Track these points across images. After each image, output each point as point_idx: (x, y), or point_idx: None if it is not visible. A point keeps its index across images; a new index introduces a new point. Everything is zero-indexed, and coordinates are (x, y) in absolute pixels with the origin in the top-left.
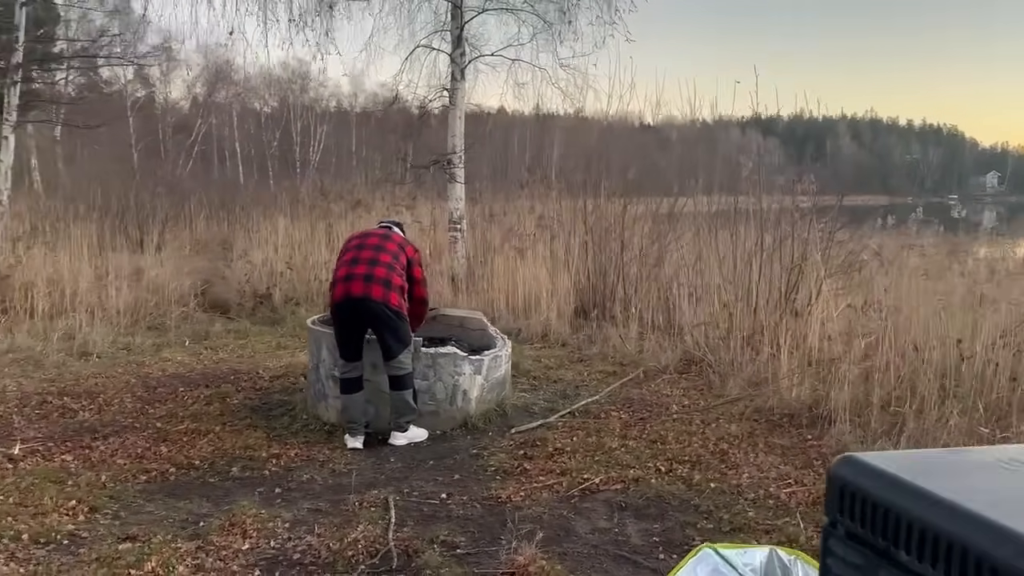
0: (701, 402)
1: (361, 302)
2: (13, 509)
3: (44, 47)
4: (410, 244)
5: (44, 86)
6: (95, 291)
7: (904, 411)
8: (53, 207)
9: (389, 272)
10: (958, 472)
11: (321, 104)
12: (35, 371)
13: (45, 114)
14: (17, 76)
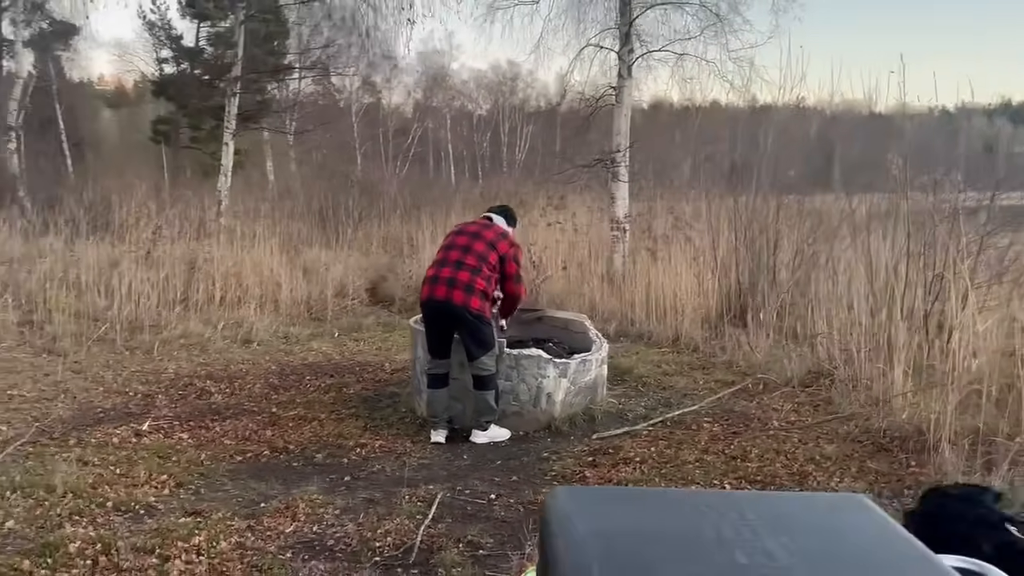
0: (809, 418)
1: (443, 305)
2: (114, 479)
3: (275, 59)
4: (506, 238)
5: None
6: (272, 284)
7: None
8: (264, 206)
9: (473, 276)
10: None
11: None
12: (198, 355)
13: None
14: (237, 88)
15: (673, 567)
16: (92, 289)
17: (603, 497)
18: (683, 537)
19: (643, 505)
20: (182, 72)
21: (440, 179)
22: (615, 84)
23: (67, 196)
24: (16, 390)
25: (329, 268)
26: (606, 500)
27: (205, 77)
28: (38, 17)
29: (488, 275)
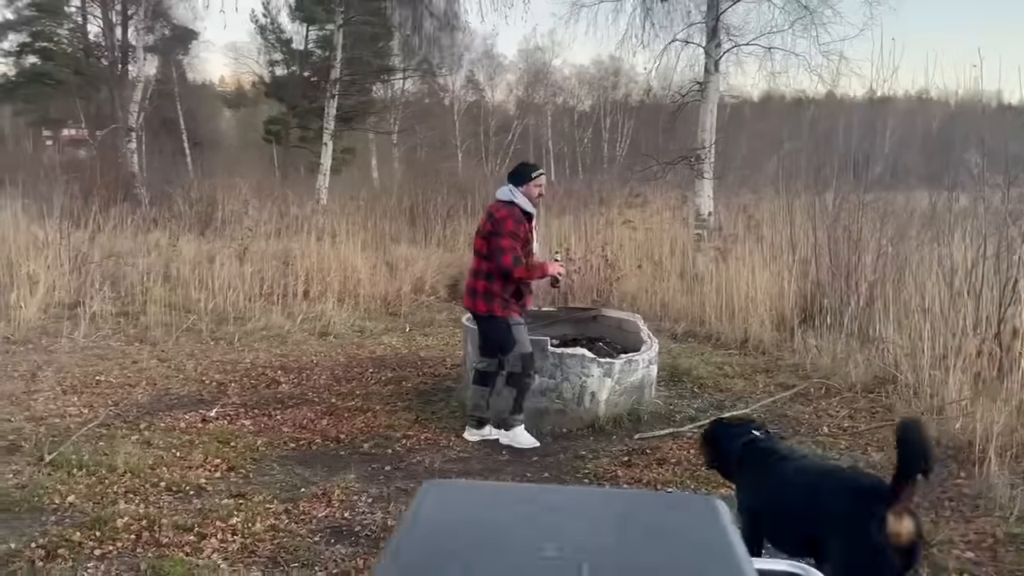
0: (862, 425)
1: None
2: (172, 461)
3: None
4: (503, 207)
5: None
6: (353, 280)
7: None
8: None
9: (473, 278)
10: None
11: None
12: (276, 347)
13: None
14: (335, 90)
15: (482, 555)
16: (188, 283)
17: (466, 491)
18: (509, 530)
19: (497, 500)
20: (291, 74)
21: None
22: (701, 80)
23: (177, 194)
24: (103, 376)
25: (409, 265)
26: (467, 493)
27: (313, 79)
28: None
29: (487, 269)
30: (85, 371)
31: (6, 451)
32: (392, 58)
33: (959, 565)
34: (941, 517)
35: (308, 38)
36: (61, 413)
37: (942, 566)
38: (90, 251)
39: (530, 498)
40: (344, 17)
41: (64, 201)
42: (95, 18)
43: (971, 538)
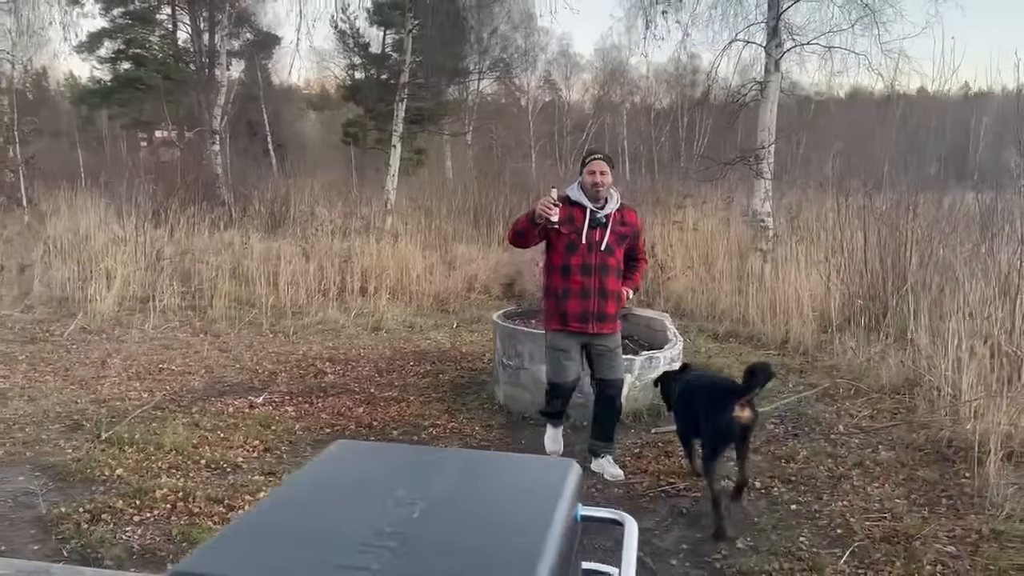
0: (878, 425)
1: None
2: (216, 441)
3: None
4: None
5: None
6: (408, 277)
7: None
8: (426, 204)
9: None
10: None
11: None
12: (330, 339)
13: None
14: (404, 94)
15: (338, 505)
16: (255, 279)
17: (367, 448)
18: (379, 480)
19: (388, 457)
20: (368, 77)
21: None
22: (761, 79)
23: (254, 194)
24: (166, 364)
25: (466, 264)
26: (367, 451)
27: (391, 82)
28: (244, 29)
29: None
30: (150, 359)
31: (70, 429)
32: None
33: (937, 557)
34: (934, 513)
35: (385, 42)
36: (122, 397)
37: (920, 558)
38: (165, 248)
39: (416, 457)
40: (414, 22)
41: (144, 201)
42: (184, 25)
43: (957, 533)
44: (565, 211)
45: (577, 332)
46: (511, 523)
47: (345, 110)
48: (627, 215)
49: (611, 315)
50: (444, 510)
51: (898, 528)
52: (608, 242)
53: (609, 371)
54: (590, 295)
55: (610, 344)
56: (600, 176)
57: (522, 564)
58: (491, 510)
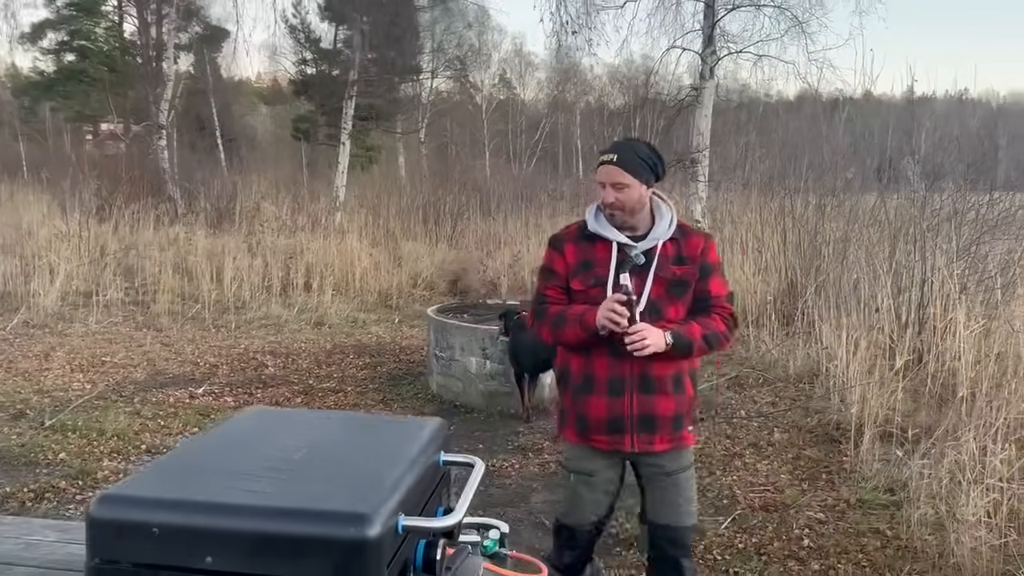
0: (777, 410)
1: None
2: (156, 428)
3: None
4: None
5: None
6: (352, 274)
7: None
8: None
9: None
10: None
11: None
12: (272, 334)
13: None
14: (352, 91)
15: (239, 450)
16: (199, 274)
17: (274, 413)
18: (277, 436)
19: (290, 421)
20: (320, 72)
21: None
22: (696, 85)
23: (200, 190)
24: (109, 357)
25: (407, 262)
26: (273, 415)
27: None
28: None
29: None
30: (93, 352)
31: (13, 417)
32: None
33: (806, 523)
34: (812, 486)
35: (336, 38)
36: (65, 387)
37: (791, 523)
38: (109, 244)
39: (311, 417)
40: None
41: (88, 196)
42: (131, 17)
43: (828, 503)
44: (576, 253)
45: (607, 450)
46: (378, 460)
47: (296, 105)
48: (688, 244)
49: (666, 419)
50: (325, 452)
51: (778, 499)
52: (654, 296)
53: (666, 511)
54: (624, 389)
55: (669, 465)
56: (613, 192)
57: (382, 486)
58: (364, 452)
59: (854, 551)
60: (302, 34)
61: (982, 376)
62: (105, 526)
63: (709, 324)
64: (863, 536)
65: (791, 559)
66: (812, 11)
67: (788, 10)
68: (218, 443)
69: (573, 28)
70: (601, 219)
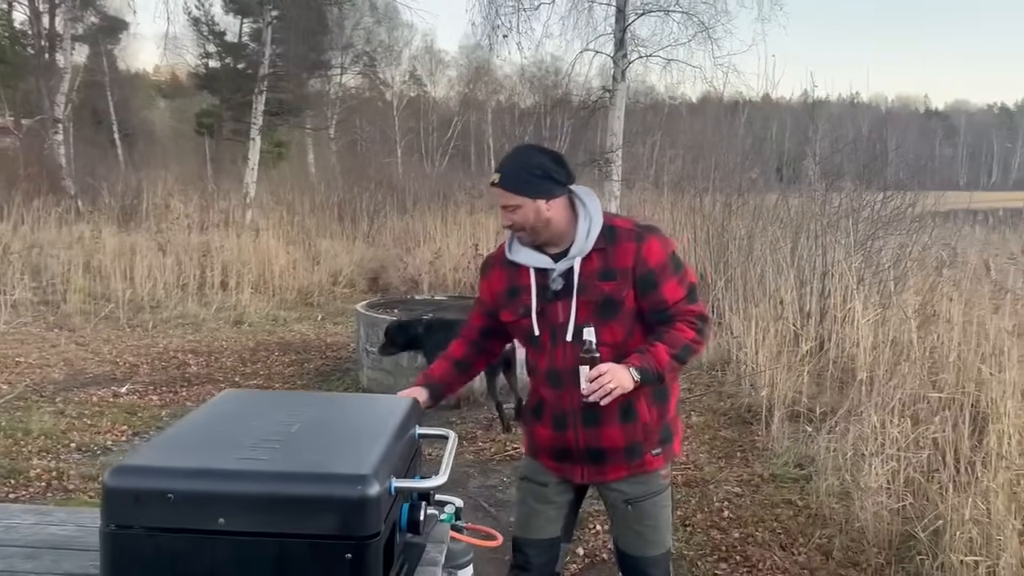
0: (693, 395)
1: None
2: (83, 427)
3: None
4: None
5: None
6: (270, 271)
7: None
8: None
9: None
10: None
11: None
12: (191, 333)
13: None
14: (263, 86)
15: (235, 424)
16: (110, 273)
17: (251, 393)
18: (266, 410)
19: (271, 397)
20: (225, 66)
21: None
22: (609, 87)
23: (103, 186)
24: (23, 358)
25: (324, 260)
26: (252, 395)
27: (248, 71)
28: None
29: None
30: (5, 354)
31: None
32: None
33: (725, 496)
34: (729, 463)
35: (242, 31)
36: None
37: (711, 496)
38: (11, 242)
39: (293, 396)
40: (273, 12)
41: None
42: (20, 5)
43: (744, 478)
44: (503, 279)
45: (558, 476)
46: (367, 432)
47: (198, 99)
48: (618, 253)
49: (616, 450)
50: (315, 426)
51: (698, 475)
52: (579, 319)
53: (632, 540)
54: (567, 424)
55: (631, 491)
56: (507, 215)
57: (375, 453)
58: (352, 425)
59: (769, 520)
60: (205, 27)
61: (880, 360)
62: (122, 494)
63: (676, 339)
64: (776, 506)
65: (714, 529)
66: (718, 17)
67: (695, 16)
68: (208, 420)
69: (504, 32)
70: (519, 245)
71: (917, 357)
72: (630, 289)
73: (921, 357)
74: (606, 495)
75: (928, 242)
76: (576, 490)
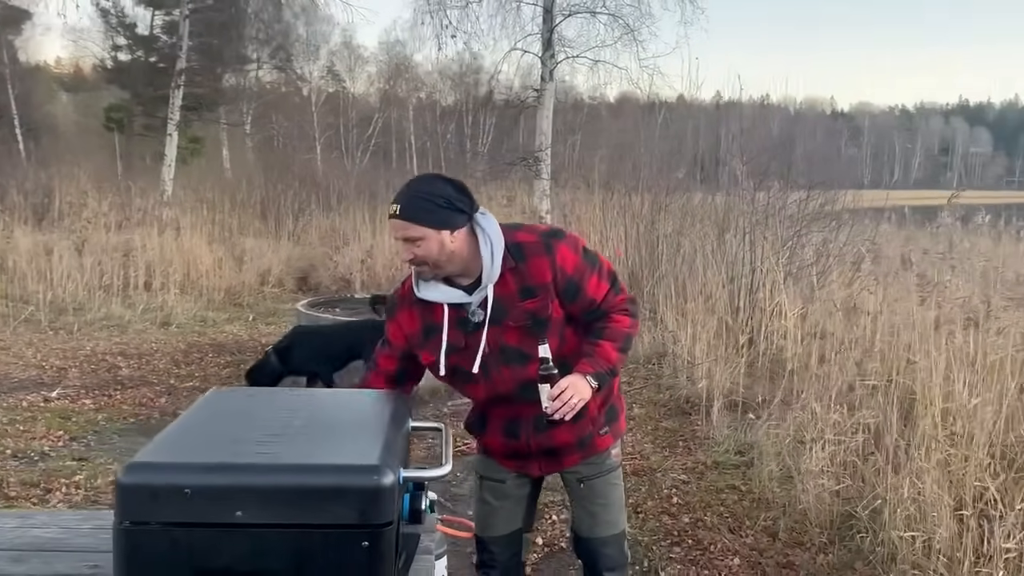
0: (633, 388)
1: None
2: (16, 433)
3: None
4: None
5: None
6: (196, 271)
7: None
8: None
9: None
10: (245, 402)
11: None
12: (117, 335)
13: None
14: (180, 80)
15: (240, 420)
16: (25, 274)
17: (241, 391)
18: (267, 407)
19: (264, 394)
20: (135, 60)
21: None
22: (538, 87)
23: (11, 184)
24: None
25: (257, 258)
26: (242, 393)
27: (161, 65)
28: None
29: None
30: None
31: None
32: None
33: (672, 483)
34: (673, 452)
35: (153, 23)
36: None
37: (660, 484)
38: None
39: (286, 394)
40: (189, 5)
41: None
42: None
43: (688, 466)
44: (414, 319)
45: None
46: (369, 424)
47: (106, 93)
48: (531, 268)
49: (569, 446)
50: (320, 419)
51: (645, 464)
52: (515, 344)
53: (586, 522)
54: (519, 432)
55: (584, 471)
56: (409, 248)
57: (381, 444)
58: (352, 419)
59: (716, 505)
60: (115, 18)
61: (809, 350)
62: (137, 491)
63: (615, 332)
64: (722, 492)
65: (664, 515)
66: (643, 20)
67: (621, 18)
68: (205, 419)
69: (452, 32)
70: (430, 282)
71: (845, 347)
72: (554, 300)
73: (850, 347)
74: (564, 479)
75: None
76: (533, 482)
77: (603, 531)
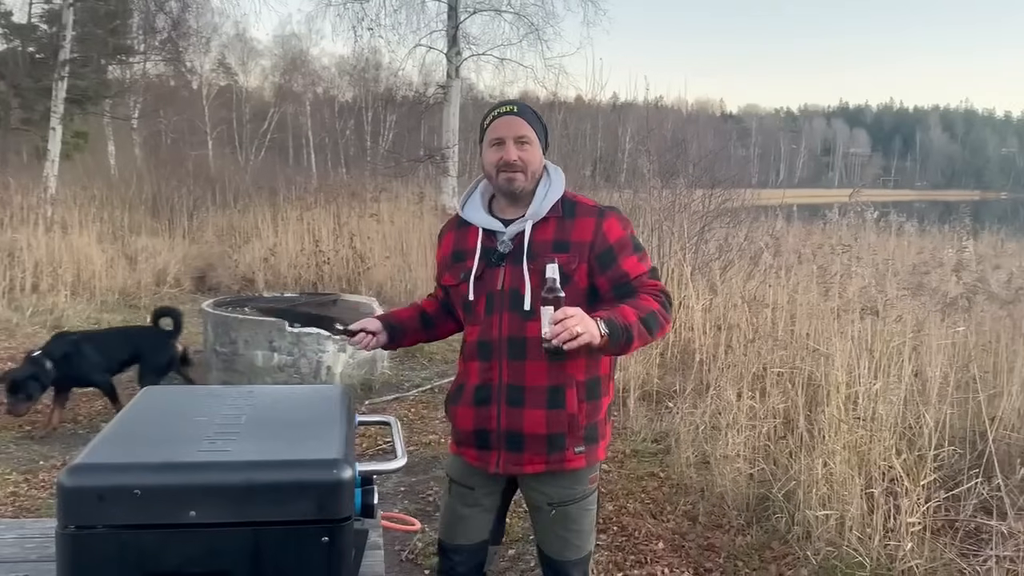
0: None
1: None
2: None
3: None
4: None
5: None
6: (88, 272)
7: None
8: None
9: None
10: (185, 399)
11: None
12: (5, 340)
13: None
14: (64, 71)
15: (184, 418)
16: None
17: (177, 390)
18: (209, 404)
19: (202, 392)
20: (12, 50)
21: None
22: (444, 84)
23: None
24: None
25: (151, 256)
26: (179, 391)
27: (39, 56)
28: None
29: None
30: None
31: None
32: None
33: None
34: None
35: (32, 12)
36: None
37: None
38: None
39: (225, 390)
40: None
41: None
42: None
43: (609, 455)
44: (452, 242)
45: (478, 467)
46: (317, 420)
47: None
48: (576, 226)
49: (535, 437)
50: (266, 416)
51: None
52: (521, 288)
53: (551, 541)
54: (490, 398)
55: (553, 494)
56: (515, 150)
57: (334, 439)
58: (299, 414)
59: (638, 492)
60: None
61: (717, 341)
62: (82, 493)
63: (641, 305)
64: (642, 479)
65: None
66: (547, 19)
67: (525, 17)
68: (146, 418)
69: (369, 25)
70: (475, 200)
71: (749, 338)
72: (583, 264)
73: (754, 337)
74: (529, 496)
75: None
76: (503, 493)
77: (574, 555)
